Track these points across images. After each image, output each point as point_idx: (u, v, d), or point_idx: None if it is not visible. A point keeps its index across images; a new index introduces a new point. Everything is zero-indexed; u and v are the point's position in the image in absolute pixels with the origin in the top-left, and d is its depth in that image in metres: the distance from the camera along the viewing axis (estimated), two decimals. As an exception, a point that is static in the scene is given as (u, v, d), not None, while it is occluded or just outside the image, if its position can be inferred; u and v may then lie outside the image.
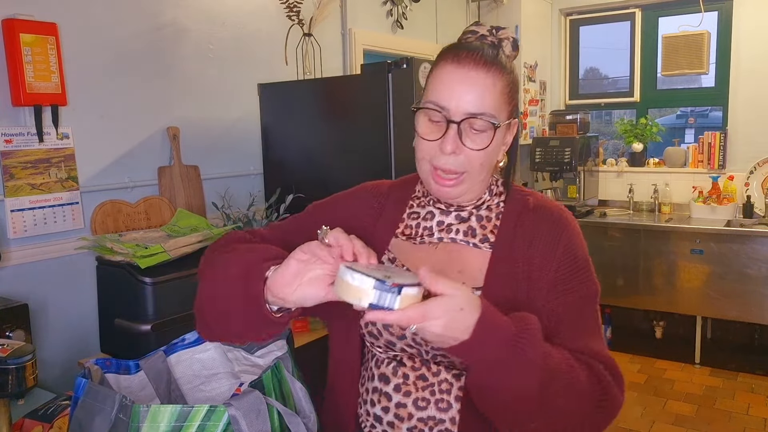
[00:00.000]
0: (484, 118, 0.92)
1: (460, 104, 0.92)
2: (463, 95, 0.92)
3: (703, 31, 4.08)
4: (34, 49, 1.84)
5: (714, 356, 3.89)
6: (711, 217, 3.95)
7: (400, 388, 0.99)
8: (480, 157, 0.94)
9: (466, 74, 0.93)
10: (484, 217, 1.02)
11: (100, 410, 0.84)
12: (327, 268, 0.84)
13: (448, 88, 0.93)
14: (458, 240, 1.01)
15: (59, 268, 1.98)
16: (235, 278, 0.90)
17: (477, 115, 0.92)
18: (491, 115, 0.93)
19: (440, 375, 0.97)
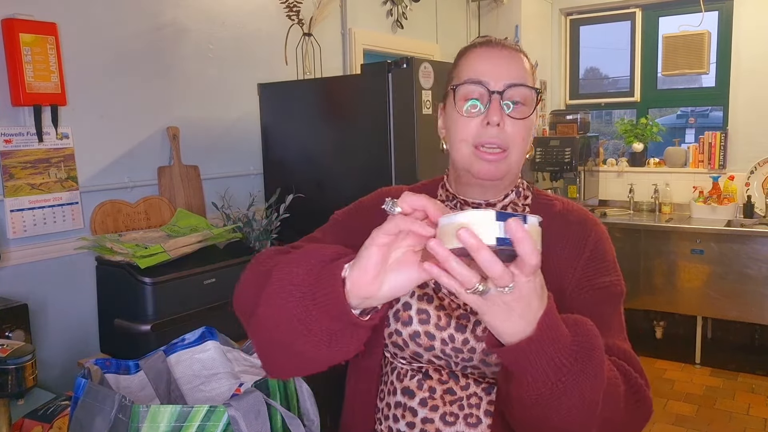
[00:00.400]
0: (526, 84, 0.93)
1: (499, 76, 0.92)
2: (500, 67, 0.93)
3: (704, 31, 4.07)
4: (33, 49, 1.84)
5: (714, 356, 3.89)
6: (711, 217, 3.95)
7: (426, 402, 0.95)
8: (522, 130, 0.94)
9: (498, 52, 0.95)
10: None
11: (100, 410, 0.84)
12: (412, 240, 0.70)
13: (485, 63, 0.94)
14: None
15: (59, 268, 1.98)
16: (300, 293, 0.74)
17: (518, 84, 0.93)
18: (529, 86, 0.94)
19: (469, 388, 0.94)
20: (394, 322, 0.98)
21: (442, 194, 1.07)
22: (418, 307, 0.96)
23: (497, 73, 0.93)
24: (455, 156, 0.98)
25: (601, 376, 0.72)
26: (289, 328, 0.74)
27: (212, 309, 1.89)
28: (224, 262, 1.97)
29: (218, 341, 1.13)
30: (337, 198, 2.36)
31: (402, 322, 0.97)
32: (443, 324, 0.95)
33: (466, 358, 0.94)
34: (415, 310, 0.96)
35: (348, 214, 1.14)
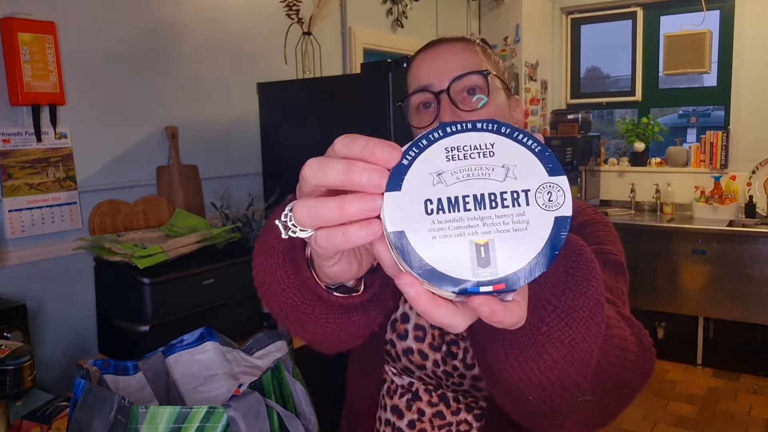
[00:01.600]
0: (471, 77, 0.85)
1: (441, 73, 0.86)
2: (440, 66, 0.86)
3: (705, 30, 4.06)
4: (32, 48, 1.83)
5: (716, 357, 3.88)
6: (713, 217, 3.94)
7: (415, 425, 0.93)
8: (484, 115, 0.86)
9: (437, 51, 0.89)
10: None
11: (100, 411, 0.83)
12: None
13: (424, 66, 0.88)
14: None
15: (57, 268, 1.97)
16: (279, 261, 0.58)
17: (462, 75, 0.85)
18: (478, 70, 0.85)
19: (459, 414, 0.91)
20: (390, 331, 0.95)
21: None
22: (416, 323, 0.93)
23: (438, 72, 0.86)
24: None
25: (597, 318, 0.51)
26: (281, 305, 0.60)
27: (211, 309, 1.88)
28: (223, 263, 1.96)
29: (217, 342, 1.12)
30: (338, 198, 2.36)
31: (398, 334, 0.94)
32: (437, 344, 0.91)
33: (456, 382, 0.91)
34: (412, 324, 0.93)
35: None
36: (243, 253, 2.04)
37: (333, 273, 0.50)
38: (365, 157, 0.40)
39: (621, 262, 0.86)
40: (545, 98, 4.68)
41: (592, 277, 0.51)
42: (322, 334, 0.61)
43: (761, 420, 3.15)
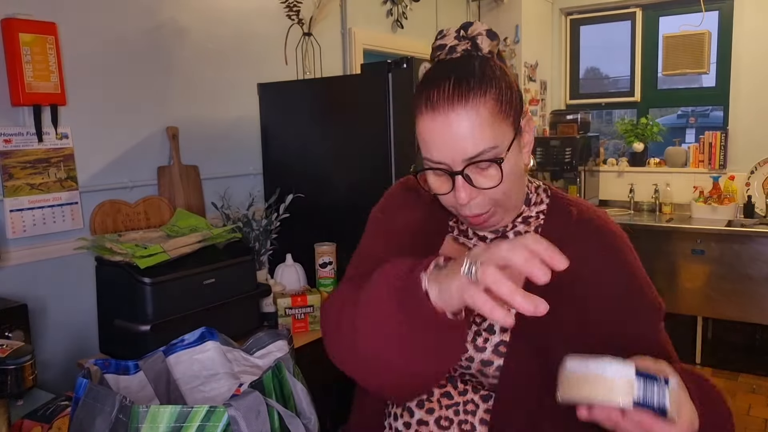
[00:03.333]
0: (485, 156, 0.83)
1: (454, 154, 0.83)
2: (452, 145, 0.83)
3: (704, 31, 4.07)
4: (33, 49, 1.83)
5: (715, 357, 3.88)
6: (712, 217, 3.95)
7: (423, 404, 0.95)
8: (498, 191, 0.86)
9: (444, 121, 0.83)
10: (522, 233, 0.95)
11: (101, 411, 0.84)
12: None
13: (435, 142, 0.85)
14: None
15: (58, 268, 1.98)
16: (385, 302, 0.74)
17: (476, 157, 0.83)
18: (491, 147, 0.83)
19: (467, 395, 0.93)
20: None
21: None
22: None
23: (451, 151, 0.83)
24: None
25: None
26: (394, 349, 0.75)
27: (212, 309, 1.89)
28: (224, 263, 1.96)
29: (218, 341, 1.12)
30: (337, 198, 2.37)
31: None
32: None
33: (464, 365, 0.93)
34: None
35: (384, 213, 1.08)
36: (243, 253, 2.04)
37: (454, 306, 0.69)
38: (543, 256, 0.63)
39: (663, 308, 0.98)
40: (544, 99, 4.68)
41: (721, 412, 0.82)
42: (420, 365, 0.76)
43: (760, 419, 3.16)
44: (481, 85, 0.83)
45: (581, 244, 0.91)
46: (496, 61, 0.88)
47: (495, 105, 0.84)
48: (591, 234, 0.94)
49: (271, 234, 2.32)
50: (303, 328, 2.11)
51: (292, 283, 2.25)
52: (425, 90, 0.86)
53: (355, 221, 2.29)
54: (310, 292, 2.15)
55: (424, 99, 0.85)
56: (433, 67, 0.89)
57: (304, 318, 2.11)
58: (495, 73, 0.85)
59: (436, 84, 0.85)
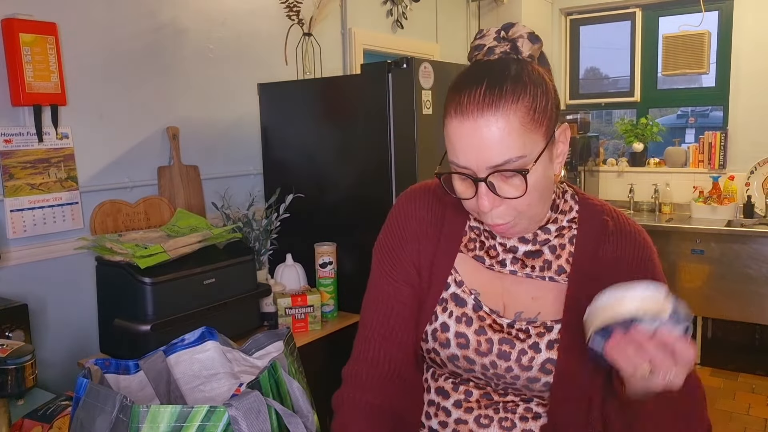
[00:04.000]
0: (510, 165, 0.80)
1: (479, 161, 0.81)
2: (479, 151, 0.81)
3: (704, 31, 4.07)
4: (33, 49, 1.83)
5: (714, 356, 3.88)
6: (711, 217, 3.95)
7: (461, 404, 0.95)
8: (523, 201, 0.84)
9: (473, 126, 0.80)
10: (557, 246, 0.92)
11: (102, 410, 0.84)
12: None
13: (462, 147, 0.82)
14: (534, 276, 0.92)
15: (59, 268, 1.98)
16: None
17: (501, 166, 0.80)
18: (518, 157, 0.80)
19: (507, 396, 0.94)
20: (432, 341, 0.95)
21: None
22: (456, 330, 0.93)
23: (476, 157, 0.81)
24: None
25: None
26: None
27: (212, 309, 1.89)
28: (224, 262, 1.96)
29: (218, 341, 1.12)
30: (337, 198, 2.37)
31: (440, 343, 0.95)
32: (484, 350, 0.92)
33: (508, 382, 0.92)
34: (453, 333, 0.93)
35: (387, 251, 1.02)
36: (243, 253, 2.05)
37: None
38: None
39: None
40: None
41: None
42: None
43: (760, 419, 3.16)
44: (514, 92, 0.80)
45: (618, 252, 0.91)
46: (536, 66, 0.84)
47: (527, 113, 0.80)
48: (627, 246, 0.92)
49: (271, 234, 2.32)
50: (303, 328, 2.11)
51: (292, 283, 2.25)
52: (457, 93, 0.83)
53: (355, 221, 2.30)
54: (310, 292, 2.15)
55: (454, 102, 0.83)
56: (468, 69, 0.87)
57: (304, 318, 2.11)
58: (532, 79, 0.82)
59: (468, 87, 0.82)
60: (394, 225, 1.02)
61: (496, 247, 0.94)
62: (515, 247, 0.93)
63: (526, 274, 0.92)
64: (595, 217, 0.94)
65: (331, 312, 2.23)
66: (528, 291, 0.92)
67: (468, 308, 0.94)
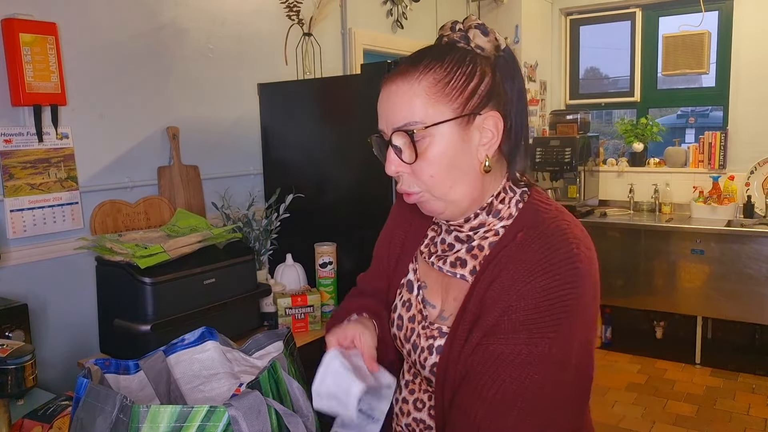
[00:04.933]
0: (406, 126, 0.84)
1: (387, 122, 0.88)
2: (387, 113, 0.88)
3: (704, 31, 4.07)
4: (33, 49, 1.83)
5: (714, 356, 3.89)
6: (711, 217, 3.95)
7: (408, 384, 1.01)
8: (424, 171, 0.85)
9: (387, 91, 0.88)
10: (476, 246, 0.90)
11: (102, 410, 0.84)
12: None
13: (379, 111, 0.90)
14: (445, 270, 0.93)
15: (59, 268, 1.98)
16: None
17: (401, 127, 0.85)
18: (418, 122, 0.84)
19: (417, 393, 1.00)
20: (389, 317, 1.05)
21: None
22: (399, 313, 1.02)
23: (386, 119, 0.88)
24: None
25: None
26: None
27: (212, 309, 1.89)
28: (224, 262, 1.96)
29: (218, 341, 1.12)
30: (337, 198, 2.37)
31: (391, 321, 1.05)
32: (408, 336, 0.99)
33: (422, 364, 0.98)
34: (396, 314, 1.03)
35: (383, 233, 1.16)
36: (243, 253, 2.05)
37: None
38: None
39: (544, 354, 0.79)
40: (544, 99, 4.69)
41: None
42: None
43: (760, 419, 3.16)
44: (428, 65, 0.85)
45: (510, 265, 0.83)
46: (476, 55, 0.87)
47: (437, 83, 0.84)
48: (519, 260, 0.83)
49: (271, 234, 2.32)
50: (303, 328, 2.11)
51: (292, 283, 2.25)
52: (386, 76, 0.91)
53: (355, 221, 2.30)
54: (310, 292, 2.15)
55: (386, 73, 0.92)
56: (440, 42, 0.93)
57: (304, 318, 2.11)
58: (456, 59, 0.86)
59: (394, 69, 0.90)
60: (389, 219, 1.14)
61: (437, 244, 0.98)
62: (452, 245, 0.95)
63: (438, 267, 0.95)
64: (525, 222, 0.87)
65: (331, 312, 2.23)
66: (452, 291, 0.93)
67: (413, 295, 1.00)
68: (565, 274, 0.80)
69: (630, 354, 4.04)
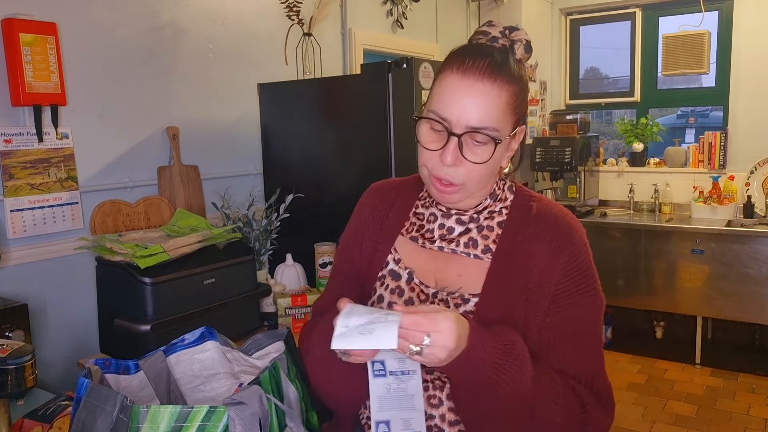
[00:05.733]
0: (486, 132, 0.90)
1: (462, 117, 0.90)
2: (466, 108, 0.90)
3: (704, 31, 4.07)
4: (33, 49, 1.83)
5: (714, 356, 3.89)
6: (711, 217, 3.95)
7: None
8: (479, 170, 0.93)
9: (471, 86, 0.90)
10: (485, 227, 1.01)
11: (102, 410, 0.84)
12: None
13: (452, 99, 0.91)
14: (459, 252, 1.00)
15: (59, 268, 1.98)
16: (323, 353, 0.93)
17: (479, 129, 0.90)
18: (494, 128, 0.91)
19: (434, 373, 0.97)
20: None
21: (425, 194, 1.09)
22: (389, 301, 1.02)
23: (461, 113, 0.90)
24: (420, 173, 1.01)
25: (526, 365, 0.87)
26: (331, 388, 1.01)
27: (212, 309, 1.89)
28: (224, 262, 1.96)
29: (218, 341, 1.12)
30: (337, 198, 2.37)
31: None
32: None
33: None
34: (386, 303, 1.03)
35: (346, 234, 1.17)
36: (243, 253, 2.05)
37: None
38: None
39: (599, 306, 0.99)
40: (544, 99, 4.69)
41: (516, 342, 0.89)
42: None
43: (760, 419, 3.16)
44: (510, 76, 0.92)
45: (535, 237, 0.98)
46: (527, 71, 0.98)
47: (512, 99, 0.92)
48: (545, 229, 0.98)
49: (271, 234, 2.32)
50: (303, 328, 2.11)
51: (292, 283, 2.25)
52: (461, 56, 0.92)
53: (355, 221, 2.30)
54: (310, 292, 2.15)
55: (457, 62, 0.92)
56: (472, 45, 0.97)
57: (304, 318, 2.11)
58: (522, 76, 0.95)
59: (474, 56, 0.92)
60: (354, 214, 1.17)
61: (434, 230, 1.03)
62: (452, 228, 1.02)
63: (451, 250, 1.00)
64: (523, 203, 1.03)
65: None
66: (455, 269, 1.00)
67: (402, 282, 1.03)
68: (583, 238, 0.99)
69: (630, 354, 4.04)
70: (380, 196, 1.13)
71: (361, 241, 1.10)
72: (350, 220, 1.17)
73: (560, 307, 0.95)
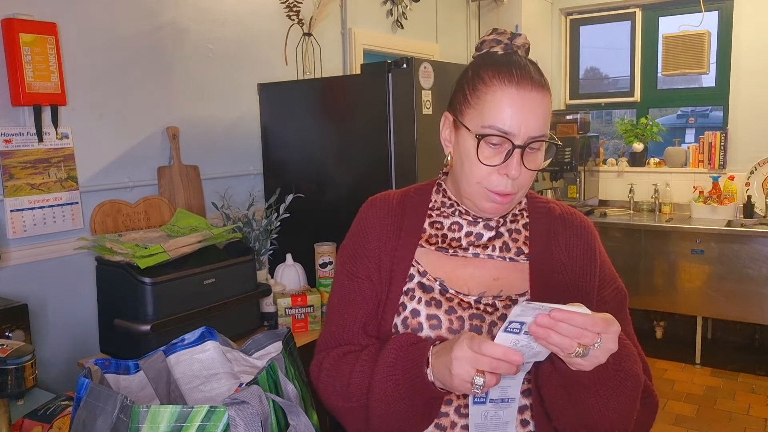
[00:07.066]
0: (543, 138, 0.93)
1: (524, 128, 0.91)
2: (527, 119, 0.91)
3: (704, 31, 4.07)
4: (33, 49, 1.83)
5: (714, 356, 3.89)
6: (711, 217, 3.95)
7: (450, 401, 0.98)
8: (532, 176, 0.96)
9: (527, 96, 0.92)
10: (513, 230, 1.04)
11: (102, 410, 0.84)
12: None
13: (513, 112, 0.91)
14: (495, 257, 1.02)
15: (59, 268, 1.98)
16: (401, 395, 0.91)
17: (538, 138, 0.92)
18: (546, 135, 0.95)
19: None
20: (404, 329, 0.99)
21: (437, 200, 1.06)
22: (428, 313, 0.98)
23: (523, 125, 0.91)
24: (464, 186, 0.98)
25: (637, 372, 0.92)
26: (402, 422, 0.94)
27: (212, 309, 1.89)
28: (224, 262, 1.96)
29: (218, 341, 1.12)
30: (337, 198, 2.37)
31: (412, 329, 0.98)
32: (456, 327, 0.97)
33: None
34: (424, 316, 0.98)
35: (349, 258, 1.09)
36: (243, 253, 2.05)
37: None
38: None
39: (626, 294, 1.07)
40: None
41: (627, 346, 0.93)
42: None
43: (760, 419, 3.16)
44: (545, 81, 0.96)
45: (567, 235, 1.03)
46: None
47: (550, 104, 0.96)
48: (573, 228, 1.04)
49: (271, 234, 2.32)
50: (303, 328, 2.11)
51: (292, 283, 2.25)
52: (506, 68, 0.93)
53: (355, 221, 2.30)
54: (310, 292, 2.15)
55: (505, 74, 0.93)
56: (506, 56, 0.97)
57: (304, 318, 2.11)
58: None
59: (515, 66, 0.94)
60: (357, 230, 1.09)
61: (460, 239, 1.03)
62: (480, 234, 1.02)
63: (488, 255, 1.01)
64: (541, 205, 1.07)
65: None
66: (490, 273, 1.01)
67: (435, 293, 1.00)
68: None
69: (630, 354, 4.04)
70: (387, 210, 1.08)
71: (378, 259, 1.04)
72: (352, 238, 1.10)
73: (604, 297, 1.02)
